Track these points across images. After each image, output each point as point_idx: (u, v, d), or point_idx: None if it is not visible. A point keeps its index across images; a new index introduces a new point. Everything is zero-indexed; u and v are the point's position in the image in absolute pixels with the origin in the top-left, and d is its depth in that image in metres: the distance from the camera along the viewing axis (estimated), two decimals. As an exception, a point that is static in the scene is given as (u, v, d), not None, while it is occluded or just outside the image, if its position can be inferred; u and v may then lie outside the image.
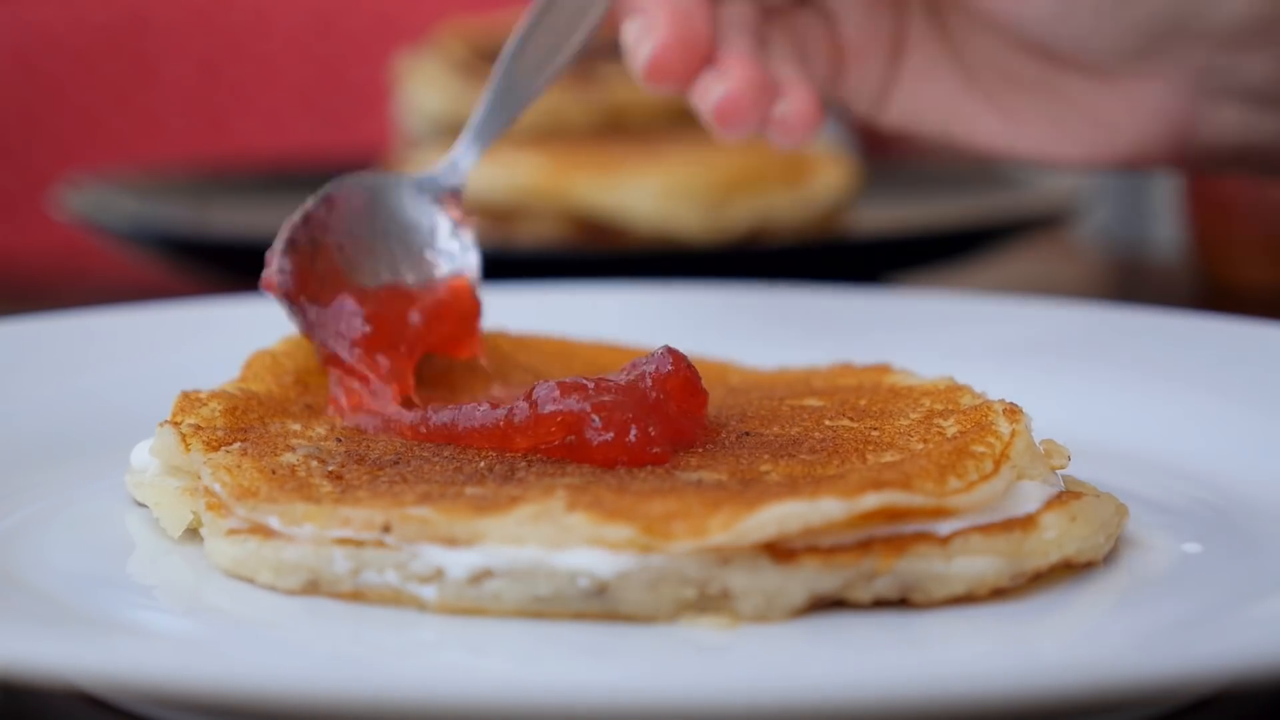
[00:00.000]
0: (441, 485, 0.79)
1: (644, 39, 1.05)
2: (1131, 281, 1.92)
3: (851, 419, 0.89)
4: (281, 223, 0.93)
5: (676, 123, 1.78)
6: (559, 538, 0.74)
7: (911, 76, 1.13)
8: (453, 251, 0.99)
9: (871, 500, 0.75)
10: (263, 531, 0.78)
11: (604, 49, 1.87)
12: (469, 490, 0.78)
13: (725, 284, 1.21)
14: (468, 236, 1.00)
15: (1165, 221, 1.94)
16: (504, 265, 1.42)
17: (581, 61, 1.81)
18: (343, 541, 0.77)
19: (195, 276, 1.57)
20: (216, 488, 0.80)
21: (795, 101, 1.06)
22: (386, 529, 0.76)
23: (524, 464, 0.82)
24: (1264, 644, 0.64)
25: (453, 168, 1.02)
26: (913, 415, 0.88)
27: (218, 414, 0.88)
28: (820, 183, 1.60)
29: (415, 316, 0.94)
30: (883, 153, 2.18)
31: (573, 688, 0.61)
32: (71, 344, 1.08)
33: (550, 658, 0.72)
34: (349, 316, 0.93)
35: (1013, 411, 0.85)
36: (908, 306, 1.18)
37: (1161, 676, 0.62)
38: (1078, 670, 0.62)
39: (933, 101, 1.13)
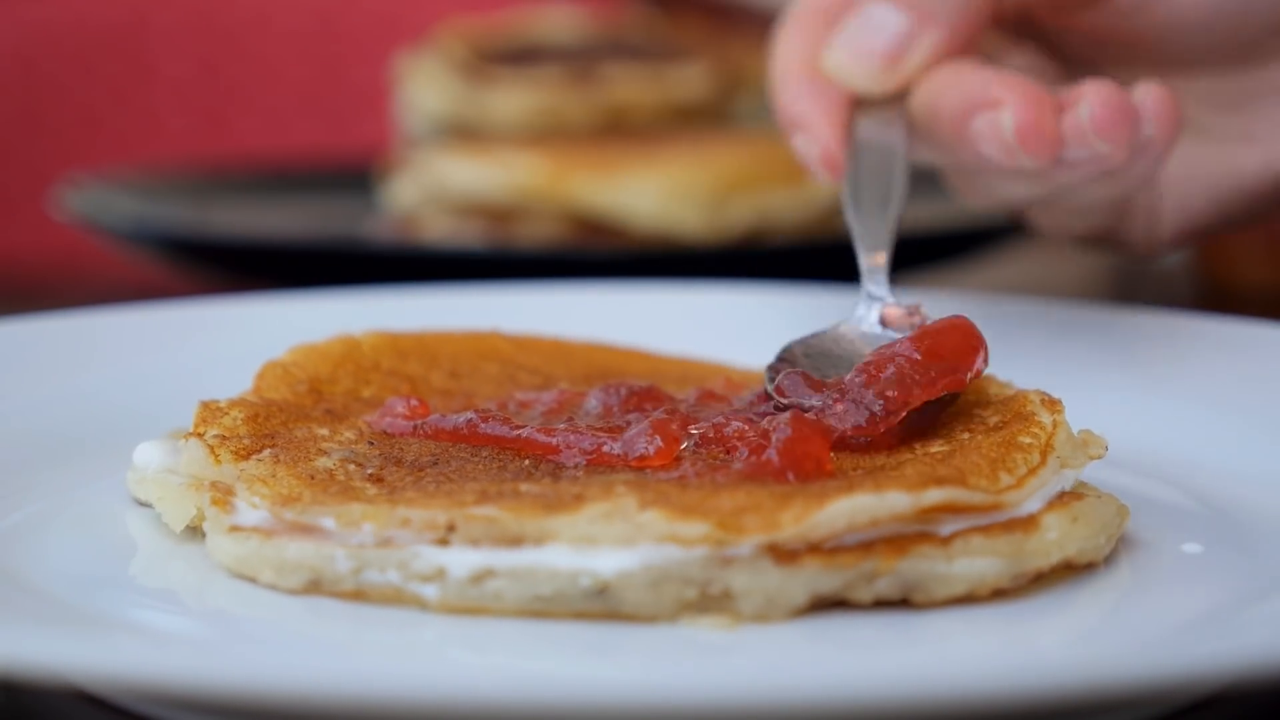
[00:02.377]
0: (495, 484, 0.79)
1: (1000, 117, 0.99)
2: (1131, 281, 1.92)
3: None
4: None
5: (676, 123, 1.78)
6: (632, 535, 0.74)
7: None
8: None
9: (935, 495, 0.76)
10: (266, 530, 0.78)
11: (604, 49, 1.88)
12: (523, 488, 0.78)
13: (725, 284, 1.21)
14: (925, 321, 0.95)
15: (1165, 222, 1.94)
16: (504, 265, 1.43)
17: (582, 61, 1.82)
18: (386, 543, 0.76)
19: (195, 276, 1.57)
20: (256, 500, 0.80)
21: (1150, 96, 1.00)
22: (451, 528, 0.76)
23: (564, 465, 0.82)
24: (1264, 644, 0.64)
25: (869, 296, 0.98)
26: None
27: (240, 422, 0.87)
28: (820, 182, 1.59)
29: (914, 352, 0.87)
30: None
31: (573, 687, 0.61)
32: (71, 344, 1.08)
33: (551, 657, 0.72)
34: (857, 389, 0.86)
35: (1051, 402, 0.86)
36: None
37: (1161, 676, 0.62)
38: (1078, 670, 0.62)
39: (1187, 174, 1.09)
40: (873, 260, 1.01)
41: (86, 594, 0.77)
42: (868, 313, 0.98)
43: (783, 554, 0.74)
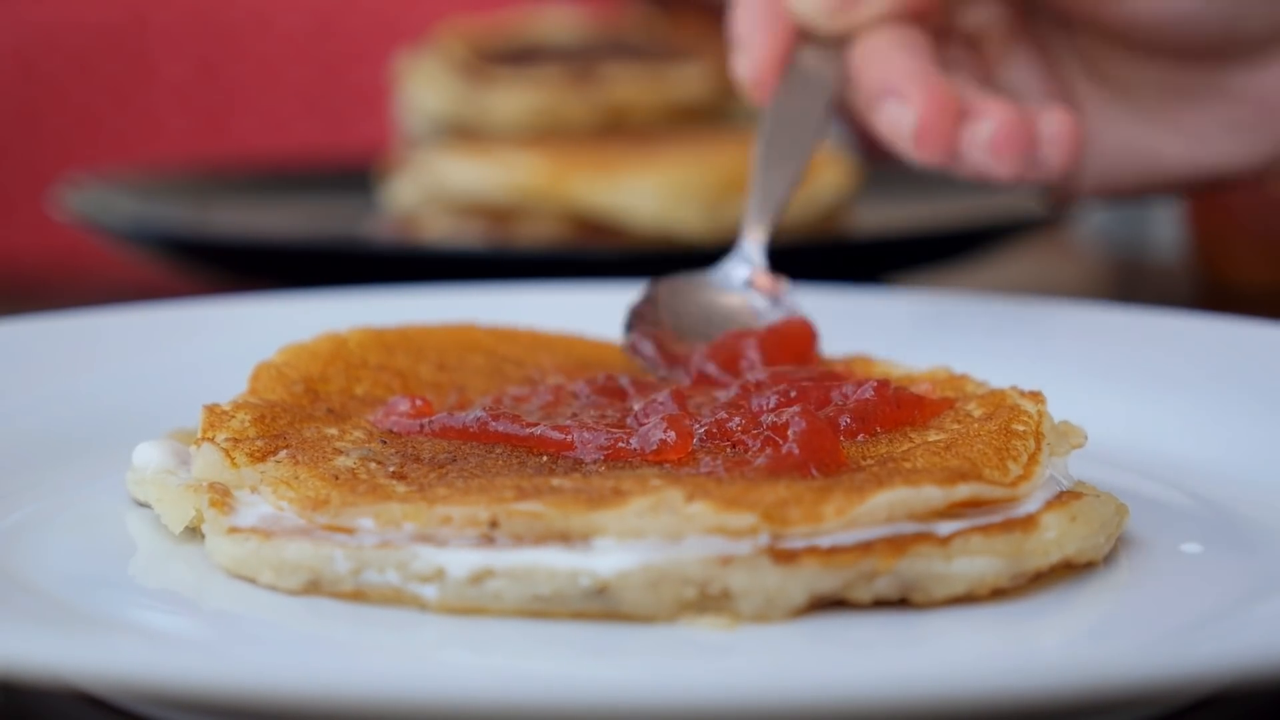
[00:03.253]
0: (529, 480, 0.79)
1: (904, 114, 1.08)
2: (1131, 281, 1.92)
3: None
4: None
5: (676, 123, 1.78)
6: (679, 528, 0.74)
7: (1090, 132, 1.16)
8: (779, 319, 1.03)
9: (964, 490, 0.77)
10: (264, 530, 0.78)
11: (604, 49, 1.88)
12: (555, 483, 0.78)
13: (725, 284, 1.20)
14: (788, 299, 1.06)
15: (1165, 221, 1.94)
16: (504, 265, 1.42)
17: (582, 61, 1.82)
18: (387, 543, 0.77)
19: (195, 276, 1.57)
20: (284, 505, 0.80)
21: (1055, 124, 1.08)
22: (494, 524, 0.76)
23: (582, 460, 0.83)
24: (1264, 644, 0.64)
25: (744, 257, 1.08)
26: (933, 397, 0.90)
27: (248, 424, 0.87)
28: (820, 183, 1.60)
29: (752, 353, 0.96)
30: (883, 153, 2.18)
31: (573, 687, 0.61)
32: (71, 344, 1.08)
33: (551, 657, 0.72)
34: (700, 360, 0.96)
35: (1032, 394, 0.88)
36: (908, 306, 1.18)
37: (1161, 676, 0.62)
38: (1078, 670, 0.62)
39: (1116, 146, 1.17)
40: (754, 234, 1.08)
41: (86, 594, 0.77)
42: (737, 270, 1.08)
43: (781, 554, 0.74)
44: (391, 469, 0.82)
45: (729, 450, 0.83)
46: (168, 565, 0.82)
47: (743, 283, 1.07)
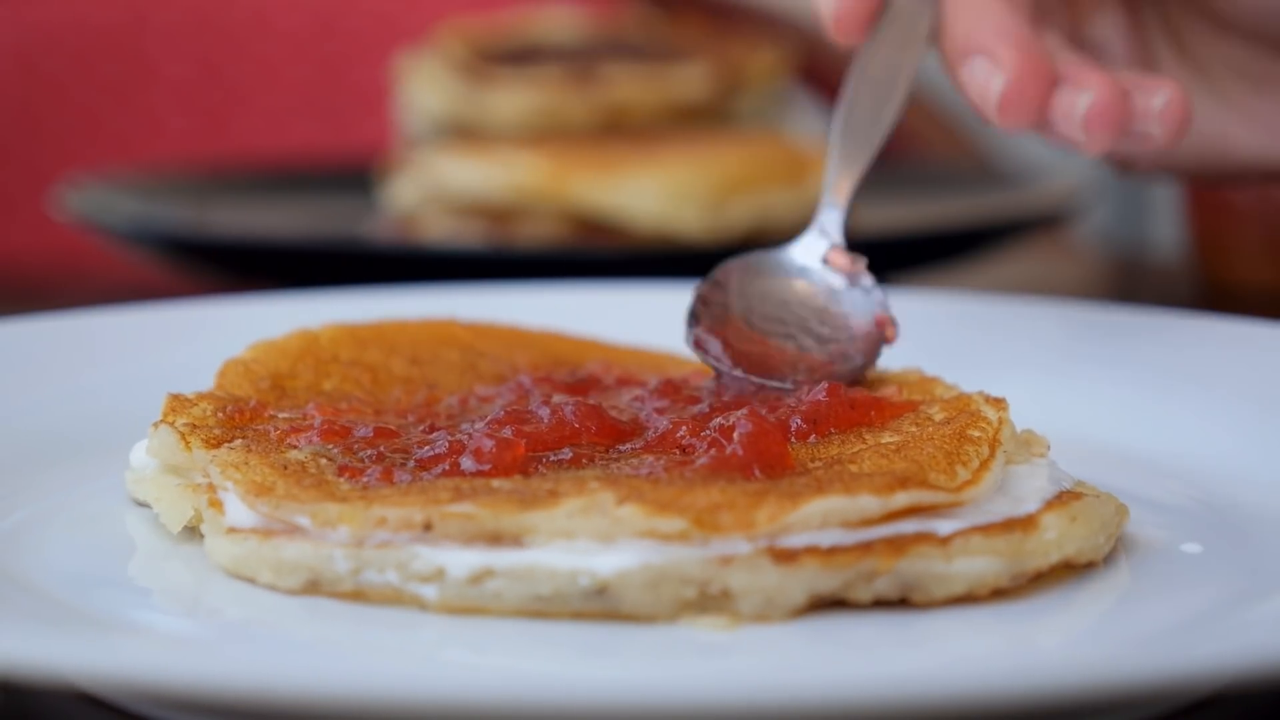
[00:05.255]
0: (468, 480, 0.79)
1: (992, 76, 1.00)
2: (1131, 281, 1.92)
3: None
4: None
5: (677, 123, 1.78)
6: (610, 530, 0.74)
7: None
8: (856, 299, 0.98)
9: (902, 499, 0.76)
10: (263, 530, 0.78)
11: (604, 49, 1.88)
12: (496, 484, 0.78)
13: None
14: (866, 279, 0.99)
15: (1165, 221, 1.95)
16: (504, 265, 1.43)
17: (582, 61, 1.82)
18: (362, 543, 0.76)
19: (195, 276, 1.57)
20: (229, 485, 0.80)
21: (1163, 100, 1.02)
22: (428, 527, 0.76)
23: (533, 460, 0.82)
24: (1264, 644, 0.64)
25: (822, 230, 1.01)
26: (895, 400, 0.89)
27: (209, 413, 0.88)
28: (820, 183, 1.59)
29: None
30: (882, 152, 2.18)
31: (573, 687, 0.61)
32: (71, 344, 1.08)
33: (550, 657, 0.72)
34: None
35: (996, 401, 0.87)
36: (908, 306, 1.18)
37: (1161, 676, 0.62)
38: (1078, 670, 0.62)
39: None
40: (836, 191, 1.01)
41: (86, 594, 0.77)
42: (815, 244, 1.01)
43: (781, 554, 0.74)
44: (340, 464, 0.82)
45: (677, 453, 0.82)
46: (167, 565, 0.82)
47: (818, 260, 0.99)
